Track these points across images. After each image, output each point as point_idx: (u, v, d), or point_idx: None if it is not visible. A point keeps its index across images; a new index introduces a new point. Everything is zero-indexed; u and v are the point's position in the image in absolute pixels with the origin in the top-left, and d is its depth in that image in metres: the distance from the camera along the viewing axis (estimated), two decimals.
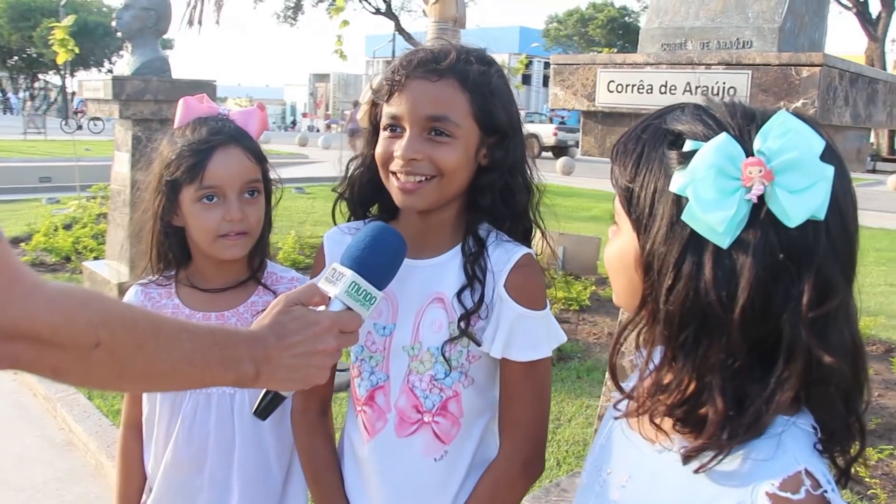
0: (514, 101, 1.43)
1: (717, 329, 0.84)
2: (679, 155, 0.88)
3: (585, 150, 2.68)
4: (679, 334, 0.87)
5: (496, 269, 1.37)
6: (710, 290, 0.83)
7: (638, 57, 2.40)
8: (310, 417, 1.52)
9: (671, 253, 0.86)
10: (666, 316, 0.87)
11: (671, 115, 0.94)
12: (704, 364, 0.86)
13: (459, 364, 1.39)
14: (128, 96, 5.45)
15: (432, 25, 6.75)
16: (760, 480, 0.84)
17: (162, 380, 1.00)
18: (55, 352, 0.86)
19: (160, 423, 1.58)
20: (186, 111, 1.59)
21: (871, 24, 19.69)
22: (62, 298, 0.87)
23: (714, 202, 0.82)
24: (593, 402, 4.49)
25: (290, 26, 41.46)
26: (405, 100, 1.31)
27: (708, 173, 0.83)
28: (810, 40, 2.51)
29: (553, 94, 2.64)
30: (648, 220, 0.89)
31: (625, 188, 0.93)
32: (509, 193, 1.40)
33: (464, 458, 1.43)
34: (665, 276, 0.87)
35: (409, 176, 1.32)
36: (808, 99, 2.05)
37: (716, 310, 0.83)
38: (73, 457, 3.88)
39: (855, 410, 0.89)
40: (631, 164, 0.93)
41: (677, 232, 0.86)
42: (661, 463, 0.97)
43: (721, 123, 0.88)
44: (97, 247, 7.42)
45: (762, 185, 0.82)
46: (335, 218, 1.54)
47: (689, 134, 0.89)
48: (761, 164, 0.82)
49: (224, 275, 1.60)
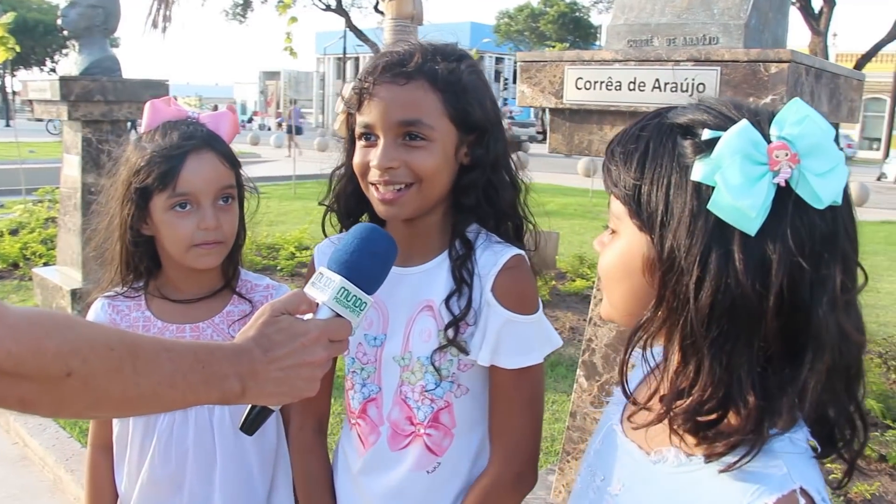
0: (490, 94, 1.38)
1: (751, 320, 0.83)
2: (695, 145, 0.86)
3: (553, 148, 2.67)
4: (709, 330, 0.84)
5: (483, 273, 1.32)
6: (743, 280, 0.81)
7: (606, 54, 2.39)
8: (305, 435, 1.49)
9: (696, 245, 0.84)
10: (696, 312, 0.84)
11: (673, 112, 0.93)
12: (733, 359, 0.84)
13: (450, 374, 1.34)
14: (76, 97, 5.28)
15: (389, 23, 6.70)
16: (756, 498, 0.83)
17: (141, 404, 0.93)
18: (22, 384, 0.80)
19: (133, 442, 1.52)
20: (154, 114, 1.52)
21: (814, 19, 20.16)
22: (26, 326, 0.80)
23: (743, 187, 0.80)
24: (558, 396, 4.50)
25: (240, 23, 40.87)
26: (375, 107, 1.27)
27: (734, 159, 0.81)
28: (774, 36, 2.53)
29: (520, 91, 2.62)
30: (665, 216, 0.87)
31: (631, 188, 0.91)
32: (493, 191, 1.36)
33: (459, 470, 1.38)
34: (691, 270, 0.84)
35: (387, 186, 1.28)
36: (777, 95, 2.07)
37: (750, 300, 0.81)
38: (29, 472, 3.76)
39: (855, 398, 0.89)
40: (636, 163, 0.91)
41: (700, 223, 0.84)
42: (655, 474, 0.95)
43: (728, 115, 0.88)
44: (46, 252, 7.20)
45: (789, 169, 0.81)
46: (325, 231, 1.49)
47: (702, 124, 0.87)
48: (787, 147, 0.82)
49: (197, 284, 1.54)
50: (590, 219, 12.34)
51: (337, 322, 1.05)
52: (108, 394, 0.88)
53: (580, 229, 11.11)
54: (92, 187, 5.45)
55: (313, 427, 1.48)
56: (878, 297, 7.48)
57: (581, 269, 7.43)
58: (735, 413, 0.84)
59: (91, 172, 5.42)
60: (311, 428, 1.48)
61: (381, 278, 1.13)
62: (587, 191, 15.40)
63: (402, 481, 1.37)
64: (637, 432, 0.99)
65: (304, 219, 9.81)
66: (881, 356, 5.07)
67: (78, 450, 3.71)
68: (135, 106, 5.52)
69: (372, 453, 1.39)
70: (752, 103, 0.92)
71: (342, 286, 1.05)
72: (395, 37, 6.54)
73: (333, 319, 1.05)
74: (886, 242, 11.00)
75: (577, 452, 2.71)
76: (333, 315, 1.05)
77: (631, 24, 2.56)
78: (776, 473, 0.84)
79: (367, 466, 1.40)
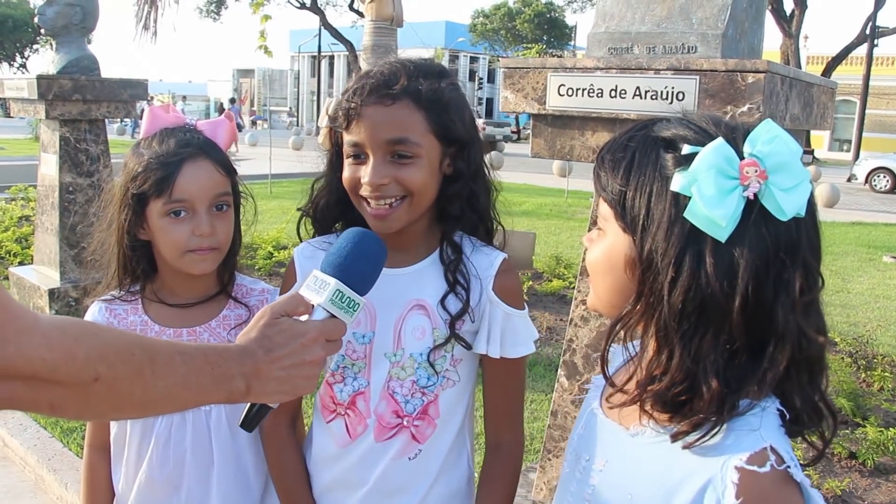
0: (469, 108, 1.48)
1: (718, 316, 0.92)
2: (675, 158, 0.96)
3: (535, 153, 2.72)
4: (680, 324, 0.94)
5: (482, 275, 1.45)
6: (712, 281, 0.91)
7: (588, 61, 2.45)
8: (280, 430, 1.55)
9: (672, 248, 0.93)
10: (669, 308, 0.94)
11: (658, 125, 1.02)
12: (701, 350, 0.93)
13: (444, 369, 1.45)
14: (54, 96, 5.24)
15: (369, 24, 6.71)
16: (730, 456, 0.92)
17: (159, 405, 0.99)
18: (53, 389, 0.84)
19: (131, 443, 1.54)
20: (152, 121, 1.55)
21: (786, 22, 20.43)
22: (58, 335, 0.84)
23: (715, 199, 0.90)
24: (536, 395, 4.55)
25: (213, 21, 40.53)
26: (364, 127, 1.34)
27: (709, 173, 0.91)
28: (750, 45, 2.60)
29: (504, 97, 2.66)
30: (646, 220, 0.96)
31: (617, 193, 1.00)
32: (475, 198, 1.47)
33: (437, 456, 1.49)
34: (667, 270, 0.93)
35: (379, 201, 1.36)
36: (754, 104, 2.13)
37: (718, 299, 0.91)
38: (9, 473, 3.74)
39: (819, 389, 0.98)
40: (622, 171, 1.00)
41: (677, 228, 0.93)
42: (635, 446, 1.05)
43: (708, 131, 0.97)
44: (22, 251, 7.14)
45: (758, 184, 0.91)
46: (300, 235, 1.56)
47: (683, 139, 0.96)
48: (756, 164, 0.91)
49: (193, 289, 1.57)
50: (565, 219, 12.41)
51: (332, 322, 1.11)
52: (131, 396, 0.92)
53: (556, 229, 11.18)
54: (70, 187, 5.42)
55: (286, 423, 1.55)
56: (849, 297, 7.64)
57: (558, 269, 7.49)
58: (699, 397, 0.94)
59: (69, 172, 5.39)
60: (284, 424, 1.55)
61: (372, 280, 1.20)
62: (563, 191, 15.50)
63: (385, 469, 1.46)
64: (614, 411, 1.10)
65: (280, 218, 9.78)
66: (851, 356, 5.19)
67: (60, 450, 3.71)
68: (113, 105, 5.49)
69: (358, 443, 1.46)
70: (730, 120, 1.01)
71: (337, 289, 1.11)
72: (375, 39, 6.58)
73: (329, 320, 1.11)
74: (856, 244, 11.18)
75: (559, 451, 2.76)
76: (329, 316, 1.11)
77: (612, 31, 2.61)
78: (749, 434, 0.93)
79: (350, 455, 1.47)
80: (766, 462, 0.90)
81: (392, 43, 6.85)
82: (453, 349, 1.45)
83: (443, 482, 1.51)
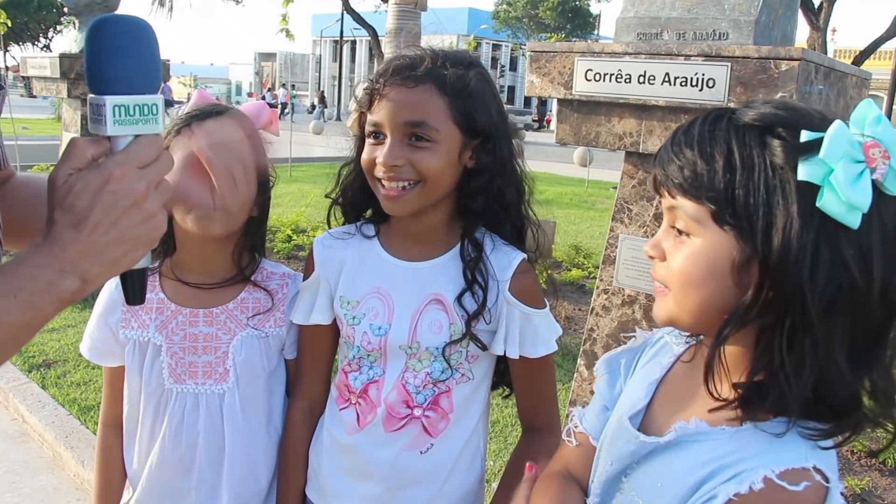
0: (499, 101, 1.45)
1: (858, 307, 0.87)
2: (785, 145, 0.89)
3: (561, 138, 2.67)
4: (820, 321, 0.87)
5: (500, 276, 1.42)
6: (853, 271, 0.86)
7: (617, 46, 2.40)
8: (293, 414, 1.58)
9: (807, 243, 0.87)
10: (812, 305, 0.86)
11: (742, 112, 0.94)
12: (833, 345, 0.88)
13: (458, 363, 1.44)
14: (77, 75, 5.27)
15: (393, 7, 6.66)
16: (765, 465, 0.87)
17: None
18: None
19: (144, 423, 1.53)
20: (198, 100, 1.54)
21: (814, 14, 20.07)
22: None
23: (850, 185, 0.85)
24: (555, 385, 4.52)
25: (236, 3, 40.54)
26: (384, 107, 1.35)
27: (841, 159, 0.85)
28: (783, 33, 2.53)
29: (529, 81, 2.62)
30: (768, 217, 0.88)
31: (721, 190, 0.91)
32: (500, 195, 1.44)
33: (450, 452, 1.47)
34: (803, 266, 0.86)
35: (392, 182, 1.35)
36: (787, 92, 2.08)
37: (859, 288, 0.86)
38: (28, 448, 3.77)
39: None
40: (723, 165, 0.91)
41: (807, 221, 0.87)
42: (666, 453, 0.99)
43: (813, 115, 0.92)
44: None
45: (884, 165, 0.86)
46: (330, 223, 1.56)
47: (784, 123, 0.90)
48: (878, 145, 0.86)
49: (208, 268, 1.53)
50: (585, 208, 12.35)
51: (138, 144, 0.89)
52: None
53: (576, 219, 11.12)
54: None
55: (302, 408, 1.56)
56: None
57: (577, 258, 7.45)
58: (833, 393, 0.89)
59: None
60: (298, 408, 1.56)
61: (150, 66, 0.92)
62: (583, 180, 15.41)
63: (395, 459, 1.45)
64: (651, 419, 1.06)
65: (300, 201, 9.78)
66: None
67: (77, 427, 3.72)
68: None
69: (367, 431, 1.45)
70: (802, 106, 0.95)
71: (113, 105, 0.89)
72: (399, 22, 6.52)
73: (133, 143, 0.89)
74: None
75: None
76: (132, 139, 0.90)
77: (641, 17, 2.56)
78: (792, 449, 0.89)
79: (360, 444, 1.46)
80: (800, 482, 0.86)
81: (416, 27, 6.80)
82: (468, 346, 1.43)
83: (455, 481, 1.49)
